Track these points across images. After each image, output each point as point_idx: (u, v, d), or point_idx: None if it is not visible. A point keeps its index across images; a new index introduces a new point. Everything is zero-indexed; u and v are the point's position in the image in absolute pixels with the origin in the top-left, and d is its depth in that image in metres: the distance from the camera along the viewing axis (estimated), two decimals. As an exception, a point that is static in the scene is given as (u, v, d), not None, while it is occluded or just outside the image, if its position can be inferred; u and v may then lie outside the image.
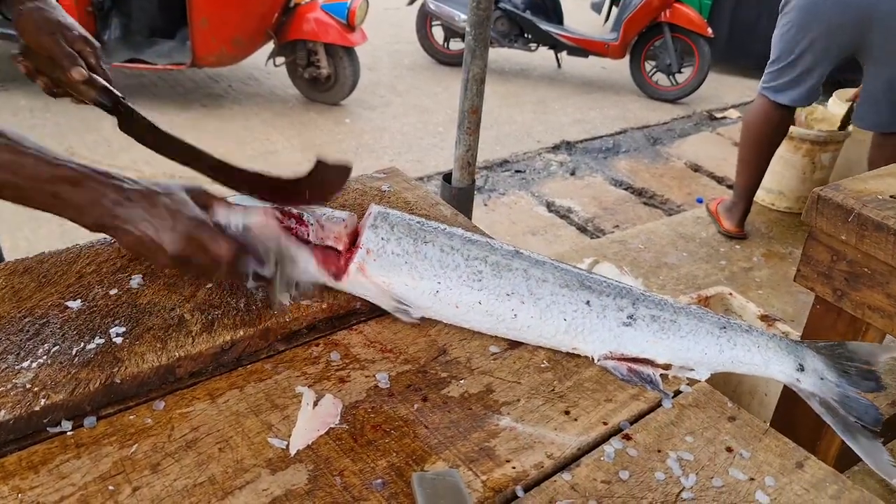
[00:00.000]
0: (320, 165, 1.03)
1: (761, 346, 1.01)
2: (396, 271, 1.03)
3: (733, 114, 6.15)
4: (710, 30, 6.08)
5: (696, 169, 5.01)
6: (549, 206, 4.35)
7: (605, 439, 0.92)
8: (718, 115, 6.15)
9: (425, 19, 6.63)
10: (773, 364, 1.00)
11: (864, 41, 3.04)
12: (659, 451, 0.91)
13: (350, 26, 5.06)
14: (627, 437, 0.92)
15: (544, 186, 4.63)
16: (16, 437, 0.84)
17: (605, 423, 0.94)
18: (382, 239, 1.04)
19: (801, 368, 0.98)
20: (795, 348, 1.01)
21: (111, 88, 1.16)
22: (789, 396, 1.53)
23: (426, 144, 5.15)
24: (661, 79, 6.39)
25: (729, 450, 0.92)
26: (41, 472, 0.80)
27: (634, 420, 0.95)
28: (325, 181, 1.06)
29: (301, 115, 5.39)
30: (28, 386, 0.87)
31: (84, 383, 0.89)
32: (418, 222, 1.08)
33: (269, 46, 5.38)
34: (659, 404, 0.98)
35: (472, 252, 1.05)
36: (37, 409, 0.85)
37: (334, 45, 5.16)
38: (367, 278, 1.04)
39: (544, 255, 1.10)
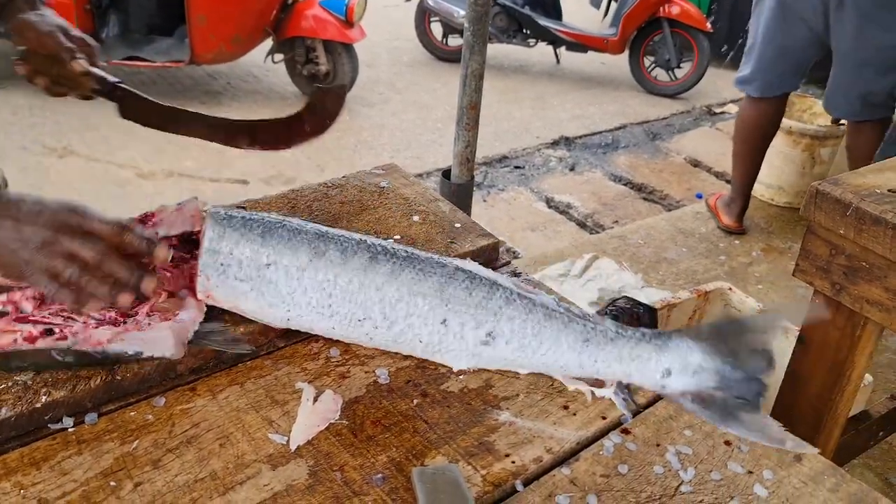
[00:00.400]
0: (317, 95, 1.04)
1: (624, 358, 0.90)
2: (243, 298, 0.94)
3: (732, 109, 6.13)
4: (709, 25, 6.07)
5: (696, 164, 5.01)
6: (549, 202, 4.35)
7: (604, 434, 0.92)
8: (718, 110, 6.14)
9: (424, 15, 6.62)
10: (635, 375, 0.90)
11: (829, 26, 3.02)
12: (658, 446, 0.91)
13: (349, 23, 5.05)
14: (626, 432, 0.93)
15: (543, 182, 4.63)
16: (17, 433, 0.84)
17: (603, 418, 0.94)
18: (221, 265, 0.93)
19: (668, 373, 0.88)
20: (662, 351, 0.89)
21: (108, 77, 1.18)
22: (788, 392, 1.54)
23: (425, 141, 5.15)
24: (660, 74, 6.38)
25: (727, 443, 0.92)
26: (43, 468, 0.80)
27: (633, 414, 0.95)
28: (323, 110, 1.07)
29: (300, 112, 5.38)
30: (29, 383, 0.88)
31: (85, 380, 0.89)
32: (261, 233, 0.94)
33: (268, 43, 5.38)
34: (658, 399, 0.98)
35: (319, 273, 0.93)
36: (38, 405, 0.85)
37: (333, 42, 5.15)
38: (217, 302, 0.95)
39: (409, 251, 0.98)
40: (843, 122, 3.69)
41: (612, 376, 0.91)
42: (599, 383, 0.95)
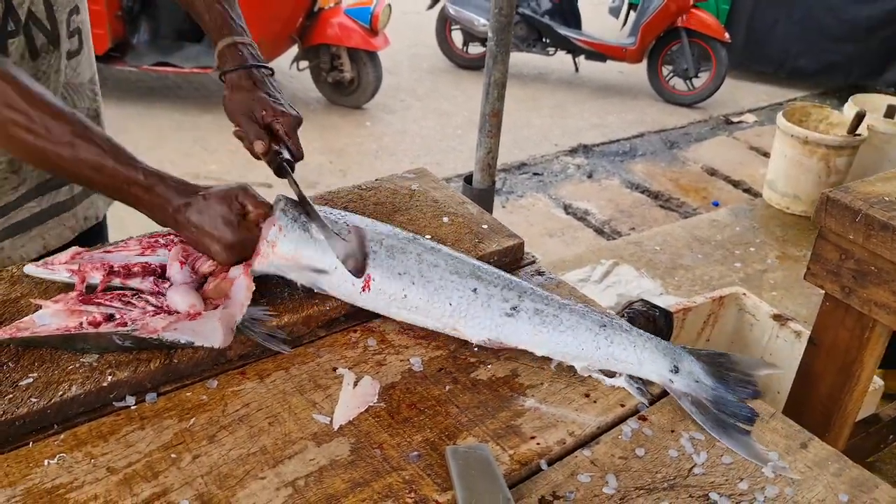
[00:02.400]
0: None
1: (638, 345, 1.03)
2: (304, 244, 1.09)
3: (750, 118, 6.18)
4: (727, 34, 6.12)
5: (713, 173, 5.06)
6: (567, 209, 4.42)
7: (622, 420, 0.99)
8: (735, 119, 6.19)
9: (445, 23, 6.71)
10: (647, 364, 1.03)
11: None
12: (672, 432, 0.98)
13: (373, 31, 5.15)
14: (643, 419, 0.99)
15: (562, 189, 4.70)
16: (86, 409, 0.92)
17: (622, 406, 1.01)
18: (292, 219, 1.10)
19: (676, 370, 1.02)
20: (672, 351, 1.04)
21: (285, 165, 1.23)
22: (799, 391, 1.59)
23: (445, 147, 5.23)
24: (678, 83, 6.44)
25: (738, 431, 0.99)
26: (110, 440, 0.88)
27: (650, 403, 1.02)
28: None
29: (323, 119, 5.49)
30: (95, 365, 0.96)
31: (145, 363, 0.97)
32: (321, 210, 1.14)
33: (293, 50, 5.49)
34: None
35: (370, 233, 1.11)
36: (104, 384, 0.93)
37: (357, 50, 5.25)
38: (279, 255, 1.08)
39: (449, 248, 1.16)
40: (858, 132, 3.73)
41: (625, 362, 1.02)
42: (611, 374, 1.04)
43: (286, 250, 1.08)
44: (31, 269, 1.08)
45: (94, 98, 1.42)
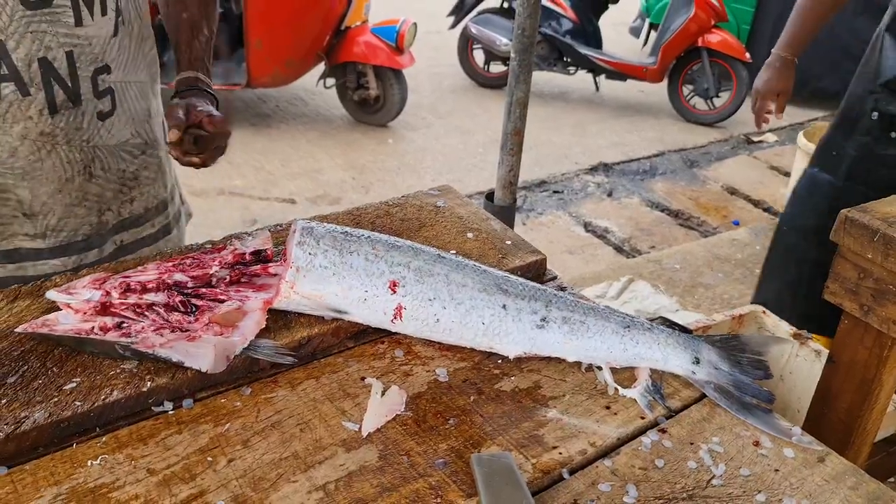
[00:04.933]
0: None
1: (661, 342, 1.10)
2: (326, 283, 1.09)
3: (770, 138, 6.18)
4: (747, 55, 6.14)
5: (733, 192, 5.07)
6: (587, 226, 4.44)
7: (642, 432, 1.02)
8: (755, 138, 6.19)
9: (467, 43, 6.80)
10: (671, 359, 1.09)
11: None
12: (691, 444, 1.00)
13: (399, 49, 5.23)
14: (663, 431, 1.02)
15: (582, 207, 4.72)
16: (126, 413, 0.97)
17: (642, 418, 1.04)
18: (310, 254, 1.10)
19: (697, 361, 1.09)
20: (691, 343, 1.11)
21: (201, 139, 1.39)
22: (817, 409, 1.61)
23: (467, 165, 5.28)
24: (698, 102, 6.46)
25: (756, 444, 1.01)
26: (149, 443, 0.92)
27: (669, 416, 1.05)
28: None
29: (346, 135, 5.56)
30: (135, 371, 1.00)
31: (182, 370, 1.01)
32: (343, 232, 1.14)
33: (320, 68, 5.57)
34: (693, 402, 1.07)
35: (395, 258, 1.12)
36: (143, 390, 0.98)
37: (383, 68, 5.33)
38: (300, 294, 1.10)
39: (466, 259, 1.20)
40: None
41: (650, 359, 1.08)
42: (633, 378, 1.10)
43: (307, 290, 1.09)
44: (52, 294, 1.09)
45: (133, 158, 1.45)
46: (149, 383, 0.98)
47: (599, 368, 1.10)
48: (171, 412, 0.98)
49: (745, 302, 3.33)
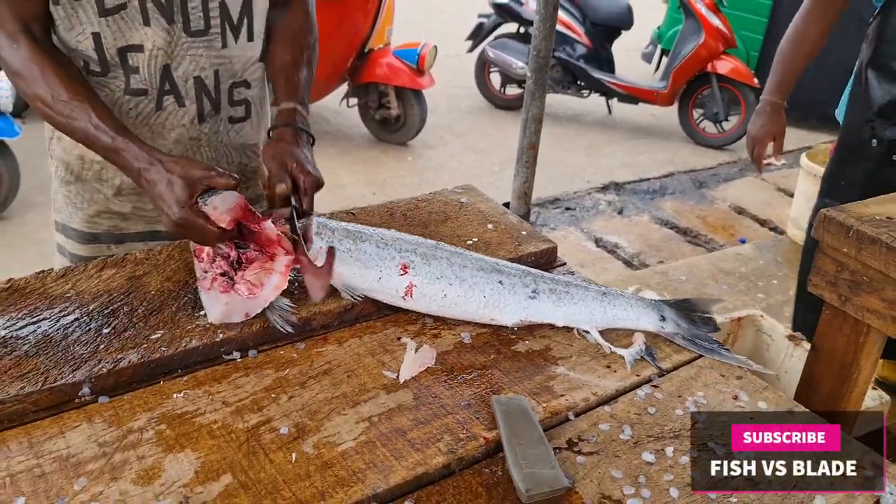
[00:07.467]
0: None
1: (633, 305, 1.32)
2: (345, 264, 1.27)
3: (777, 161, 6.34)
4: (756, 80, 6.32)
5: (740, 211, 5.23)
6: (598, 242, 4.61)
7: (637, 386, 1.19)
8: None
9: (484, 66, 7.02)
10: (642, 318, 1.32)
11: None
12: (679, 397, 1.17)
13: (420, 71, 5.45)
14: (655, 386, 1.19)
15: (593, 223, 4.90)
16: (202, 359, 1.15)
17: (637, 376, 1.21)
18: (328, 241, 1.28)
19: (663, 318, 1.32)
20: (657, 305, 1.34)
21: (294, 215, 1.32)
22: (802, 394, 1.77)
23: (483, 183, 5.47)
24: (708, 126, 6.64)
25: (735, 398, 1.18)
26: (223, 382, 1.11)
27: (661, 375, 1.22)
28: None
29: (366, 153, 5.77)
30: (208, 325, 1.19)
31: (248, 325, 1.20)
32: (354, 227, 1.33)
33: (343, 88, 5.80)
34: (682, 365, 1.24)
35: (402, 246, 1.30)
36: (217, 340, 1.16)
37: (404, 88, 5.55)
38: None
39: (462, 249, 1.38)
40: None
41: (626, 319, 1.30)
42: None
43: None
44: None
45: (255, 156, 1.60)
46: (220, 335, 1.17)
47: (588, 333, 1.29)
48: (238, 360, 1.16)
49: (748, 312, 3.48)
